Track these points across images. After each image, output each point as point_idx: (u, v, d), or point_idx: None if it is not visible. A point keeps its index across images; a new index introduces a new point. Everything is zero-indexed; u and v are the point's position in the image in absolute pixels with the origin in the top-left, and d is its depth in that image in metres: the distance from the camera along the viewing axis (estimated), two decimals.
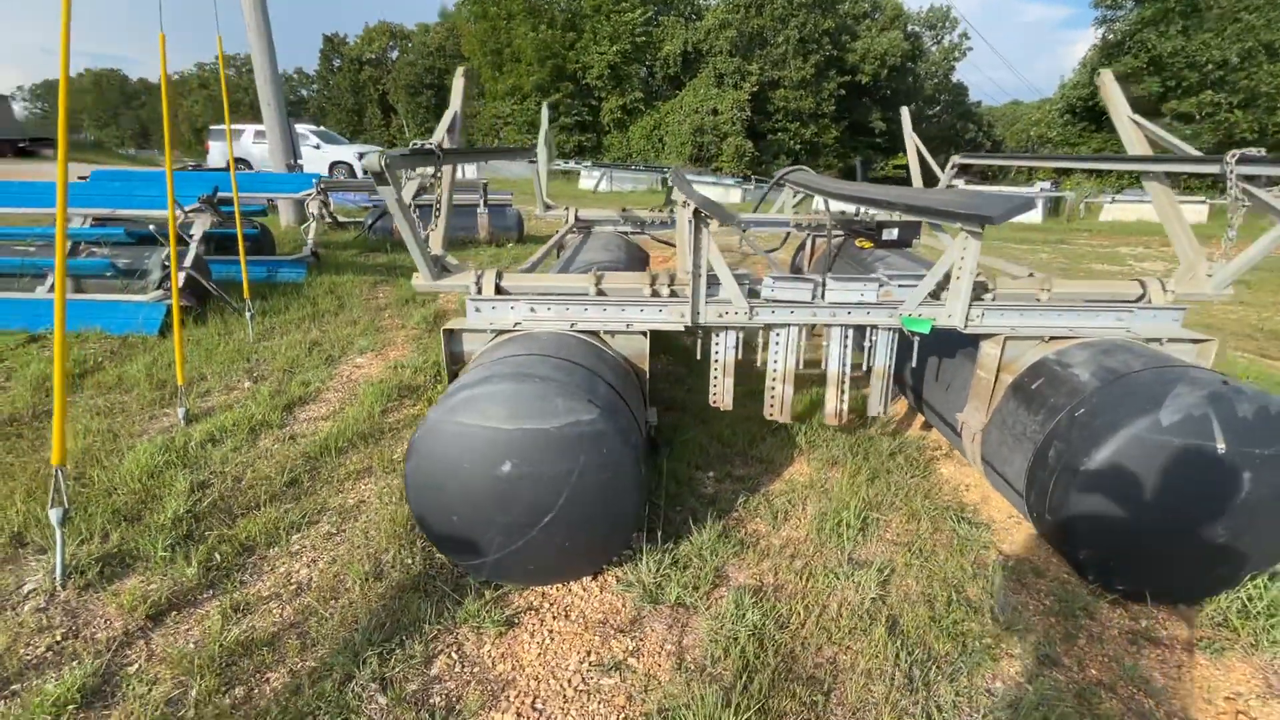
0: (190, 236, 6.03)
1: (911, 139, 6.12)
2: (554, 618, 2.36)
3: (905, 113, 6.68)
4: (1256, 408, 2.11)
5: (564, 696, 2.02)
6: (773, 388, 2.95)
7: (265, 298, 6.54)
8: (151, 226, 5.71)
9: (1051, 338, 2.80)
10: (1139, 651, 2.23)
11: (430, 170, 2.81)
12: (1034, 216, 17.25)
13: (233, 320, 5.69)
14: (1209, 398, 2.12)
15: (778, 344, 2.91)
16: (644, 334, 2.83)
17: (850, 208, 6.54)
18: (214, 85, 61.92)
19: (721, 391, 3.00)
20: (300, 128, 23.77)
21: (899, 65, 39.11)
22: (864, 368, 2.95)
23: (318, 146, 22.41)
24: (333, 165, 22.00)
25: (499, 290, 2.90)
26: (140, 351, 5.07)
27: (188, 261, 5.93)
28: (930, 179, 5.93)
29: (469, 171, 27.80)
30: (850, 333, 2.91)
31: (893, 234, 5.22)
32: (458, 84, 3.80)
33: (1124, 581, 2.36)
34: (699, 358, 2.99)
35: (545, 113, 6.83)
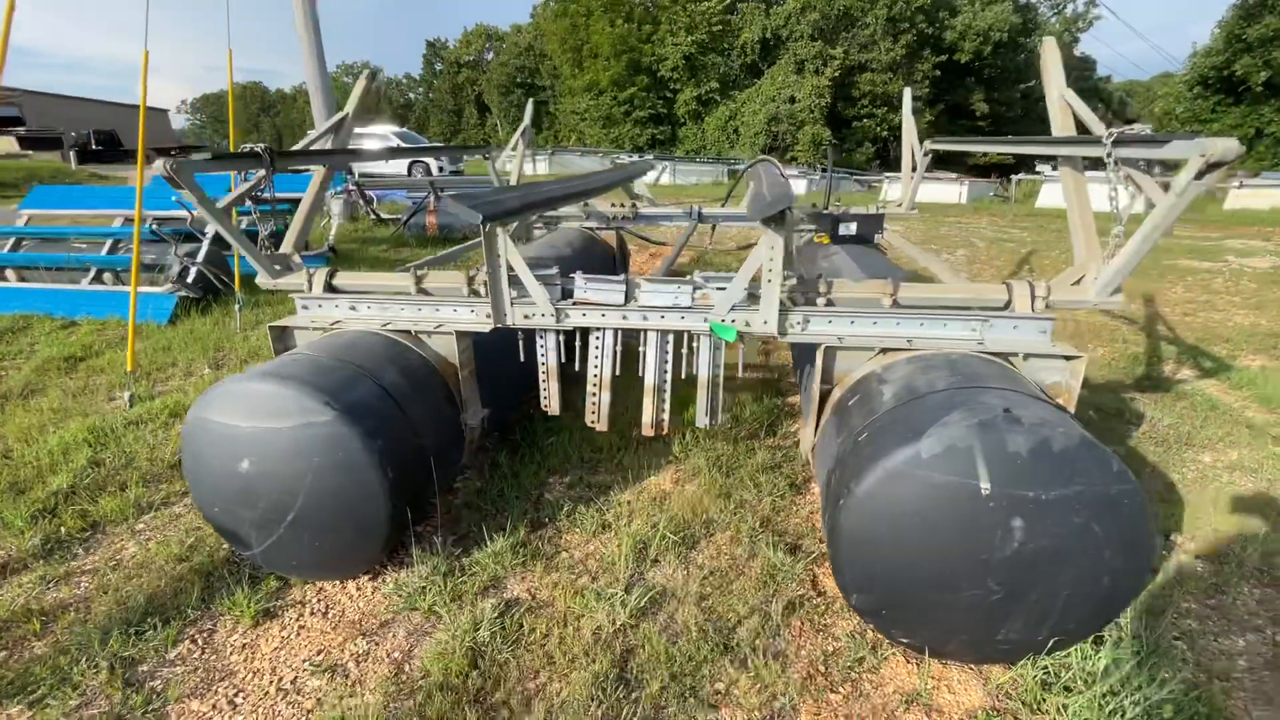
0: (203, 235, 6.64)
1: (908, 120, 5.65)
2: (313, 614, 2.39)
3: (907, 93, 6.18)
4: (1034, 443, 1.75)
5: (264, 693, 2.05)
6: (593, 395, 2.81)
7: (275, 290, 7.07)
8: (152, 225, 6.31)
9: (885, 349, 2.46)
10: (899, 717, 1.93)
11: (261, 173, 2.90)
12: (1137, 204, 15.11)
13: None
14: (978, 428, 1.78)
15: (596, 348, 2.76)
16: (453, 334, 2.78)
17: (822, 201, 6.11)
18: (335, 92, 67.77)
19: (549, 396, 2.90)
20: (383, 129, 25.47)
21: (1006, 41, 35.77)
22: (684, 375, 2.74)
23: (397, 147, 23.85)
24: (411, 165, 23.37)
25: (330, 289, 2.97)
26: (142, 338, 5.64)
27: (200, 257, 6.54)
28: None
29: (540, 167, 28.59)
30: (670, 338, 2.71)
31: (850, 229, 4.82)
32: (358, 87, 3.90)
33: (902, 633, 2.04)
34: (523, 360, 2.90)
35: (530, 107, 6.89)
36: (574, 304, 2.69)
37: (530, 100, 7.24)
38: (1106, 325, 5.81)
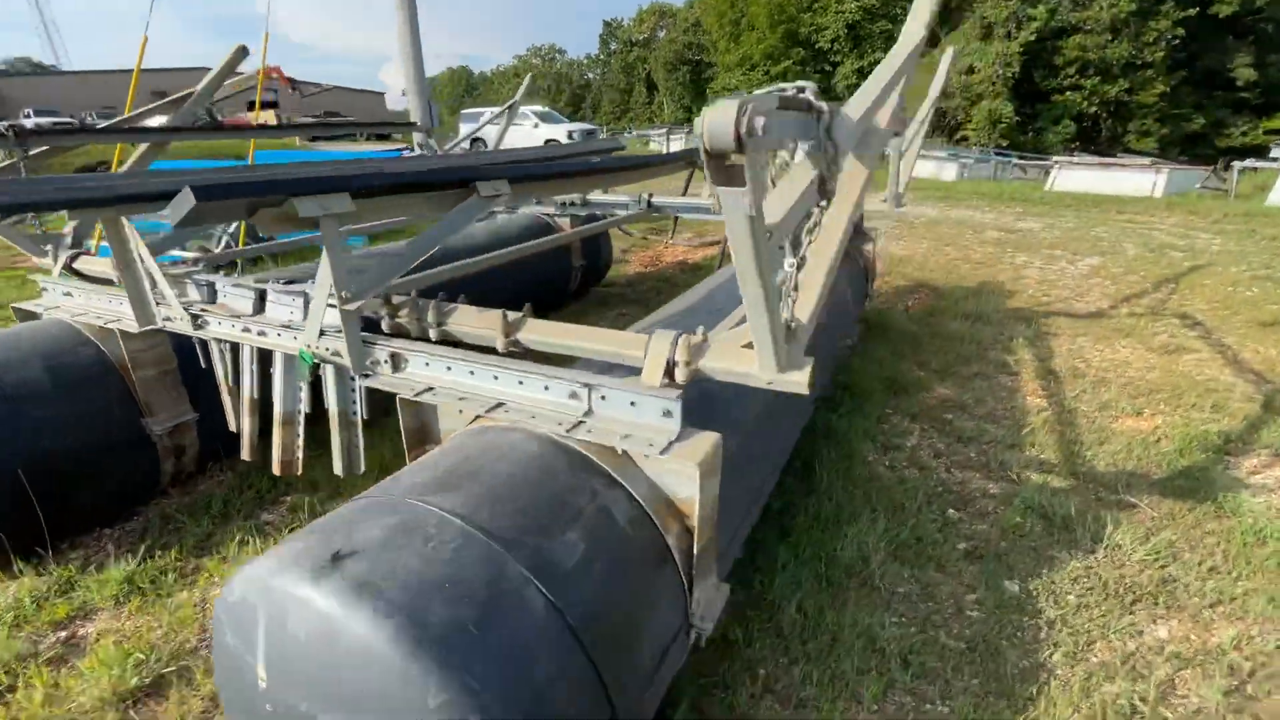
0: None
1: (936, 86, 4.49)
2: None
3: (949, 53, 4.92)
4: (316, 623, 1.03)
5: None
6: (241, 421, 2.42)
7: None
8: None
9: (476, 417, 1.74)
10: None
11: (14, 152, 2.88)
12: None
13: None
14: (277, 576, 1.11)
15: (245, 364, 2.35)
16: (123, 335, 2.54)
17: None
18: (523, 74, 72.98)
19: (229, 412, 2.56)
20: (526, 108, 26.55)
21: None
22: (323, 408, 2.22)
23: (535, 125, 24.71)
24: (546, 142, 24.10)
25: (72, 272, 2.89)
26: None
27: (231, 228, 7.18)
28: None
29: (674, 145, 27.93)
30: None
31: None
32: (221, 62, 3.80)
33: None
34: (204, 366, 2.58)
35: (527, 81, 6.55)
36: (204, 309, 2.30)
37: (530, 75, 6.85)
38: (1204, 380, 4.04)
